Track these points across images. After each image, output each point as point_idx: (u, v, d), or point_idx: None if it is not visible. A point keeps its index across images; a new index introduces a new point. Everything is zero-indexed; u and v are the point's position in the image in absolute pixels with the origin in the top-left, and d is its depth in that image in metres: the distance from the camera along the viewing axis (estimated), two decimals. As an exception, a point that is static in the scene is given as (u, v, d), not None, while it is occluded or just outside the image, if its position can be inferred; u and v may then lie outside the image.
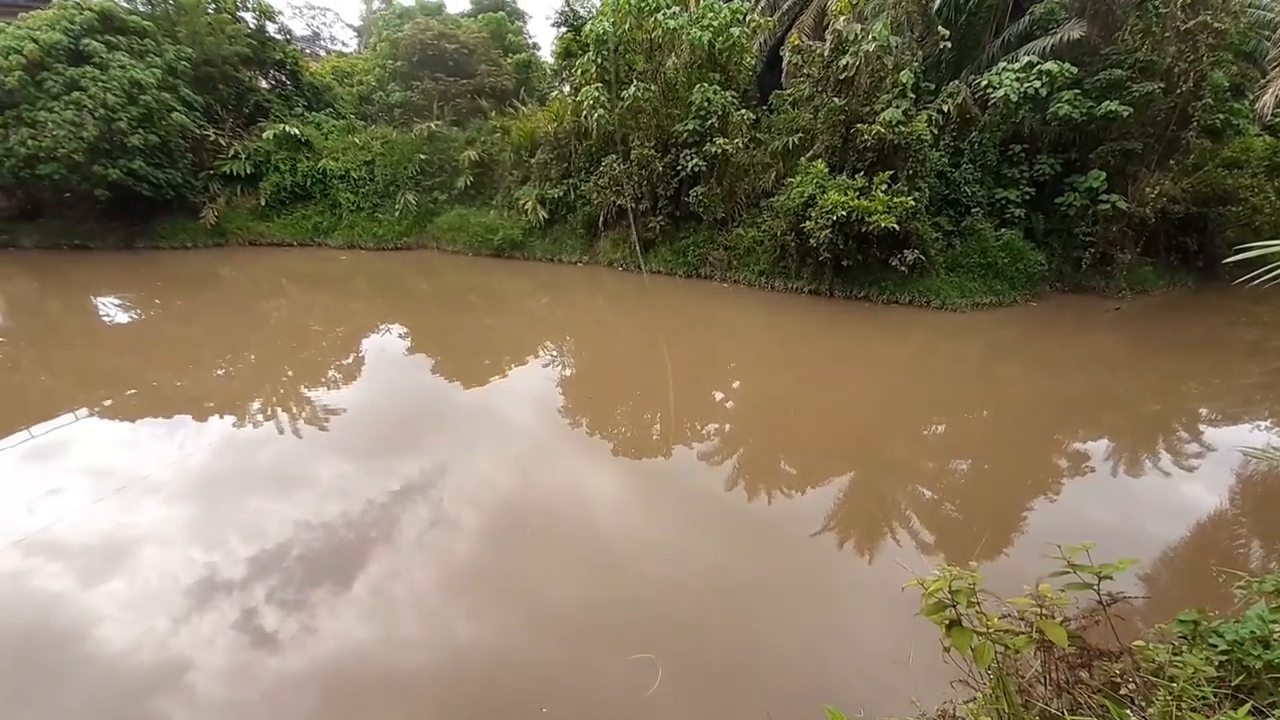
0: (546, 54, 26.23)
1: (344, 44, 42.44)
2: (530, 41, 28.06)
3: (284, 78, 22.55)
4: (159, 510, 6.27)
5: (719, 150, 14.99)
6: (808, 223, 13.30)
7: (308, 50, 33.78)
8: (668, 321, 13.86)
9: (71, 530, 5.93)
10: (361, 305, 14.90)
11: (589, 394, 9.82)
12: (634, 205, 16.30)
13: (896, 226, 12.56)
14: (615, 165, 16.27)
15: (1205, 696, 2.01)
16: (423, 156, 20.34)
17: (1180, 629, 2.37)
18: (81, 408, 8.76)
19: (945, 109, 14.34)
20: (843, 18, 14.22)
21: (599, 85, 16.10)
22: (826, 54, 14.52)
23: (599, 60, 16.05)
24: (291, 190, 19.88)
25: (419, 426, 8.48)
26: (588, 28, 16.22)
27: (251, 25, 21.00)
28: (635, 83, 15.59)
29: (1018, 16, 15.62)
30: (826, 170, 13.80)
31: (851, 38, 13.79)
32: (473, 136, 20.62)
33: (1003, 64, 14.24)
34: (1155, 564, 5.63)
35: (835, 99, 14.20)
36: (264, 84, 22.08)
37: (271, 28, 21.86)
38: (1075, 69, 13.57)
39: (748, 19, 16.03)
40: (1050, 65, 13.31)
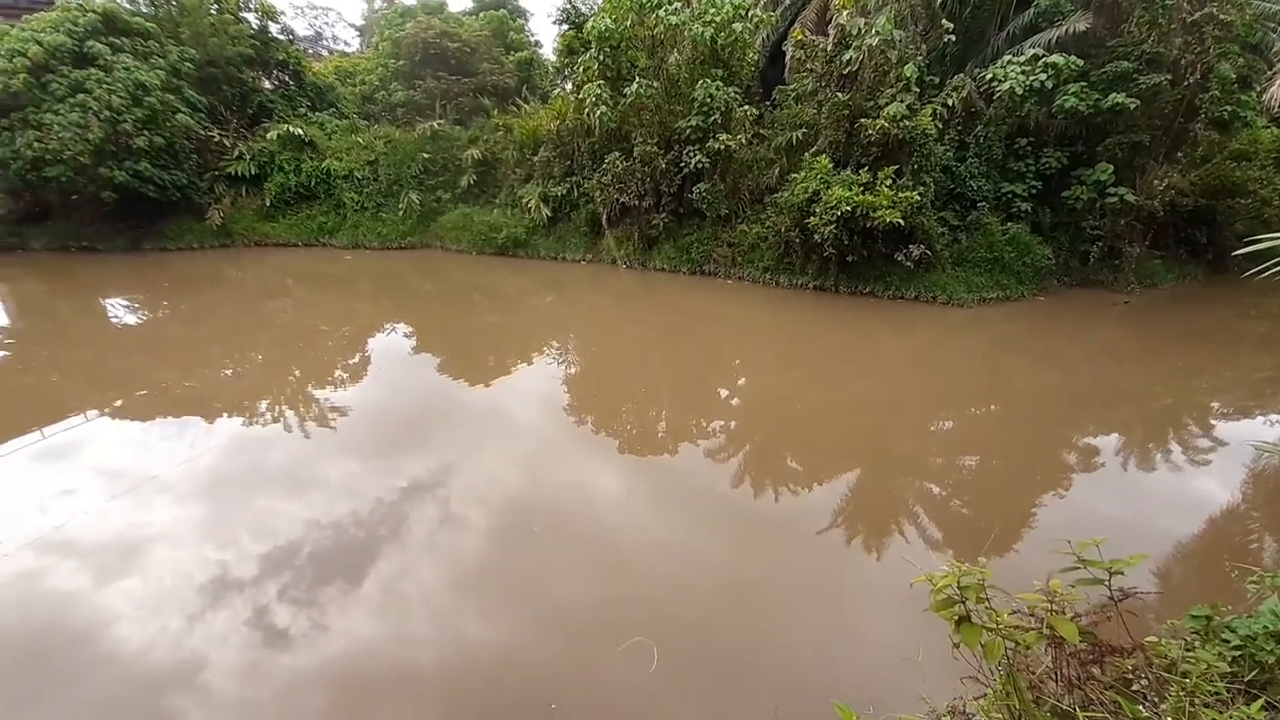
0: (548, 52, 26.24)
1: (346, 44, 42.58)
2: (532, 39, 28.06)
3: (287, 78, 22.64)
4: (170, 509, 6.32)
5: (722, 146, 14.95)
6: (812, 218, 13.26)
7: (310, 50, 33.89)
8: (672, 319, 13.85)
9: (84, 530, 5.98)
10: (367, 305, 14.95)
11: (594, 392, 9.83)
12: (637, 202, 16.28)
13: (902, 221, 12.51)
14: (618, 162, 16.25)
15: (1218, 692, 2.00)
16: (426, 156, 20.38)
17: (1193, 624, 2.36)
18: (92, 408, 8.84)
19: (950, 103, 14.25)
20: (845, 12, 14.16)
21: (601, 82, 16.08)
22: (829, 49, 14.45)
23: (601, 57, 16.03)
24: (296, 190, 19.97)
25: (425, 425, 8.51)
26: (589, 25, 16.18)
27: (254, 26, 21.10)
28: (637, 79, 15.56)
29: (1023, 9, 15.49)
30: (830, 166, 13.75)
31: (855, 32, 13.72)
32: (475, 135, 20.64)
33: (1008, 57, 14.13)
34: (1167, 559, 5.60)
35: (839, 94, 14.14)
36: (267, 84, 22.18)
37: (274, 28, 21.95)
38: (1081, 61, 13.45)
39: (750, 14, 15.96)
40: (1056, 58, 13.20)
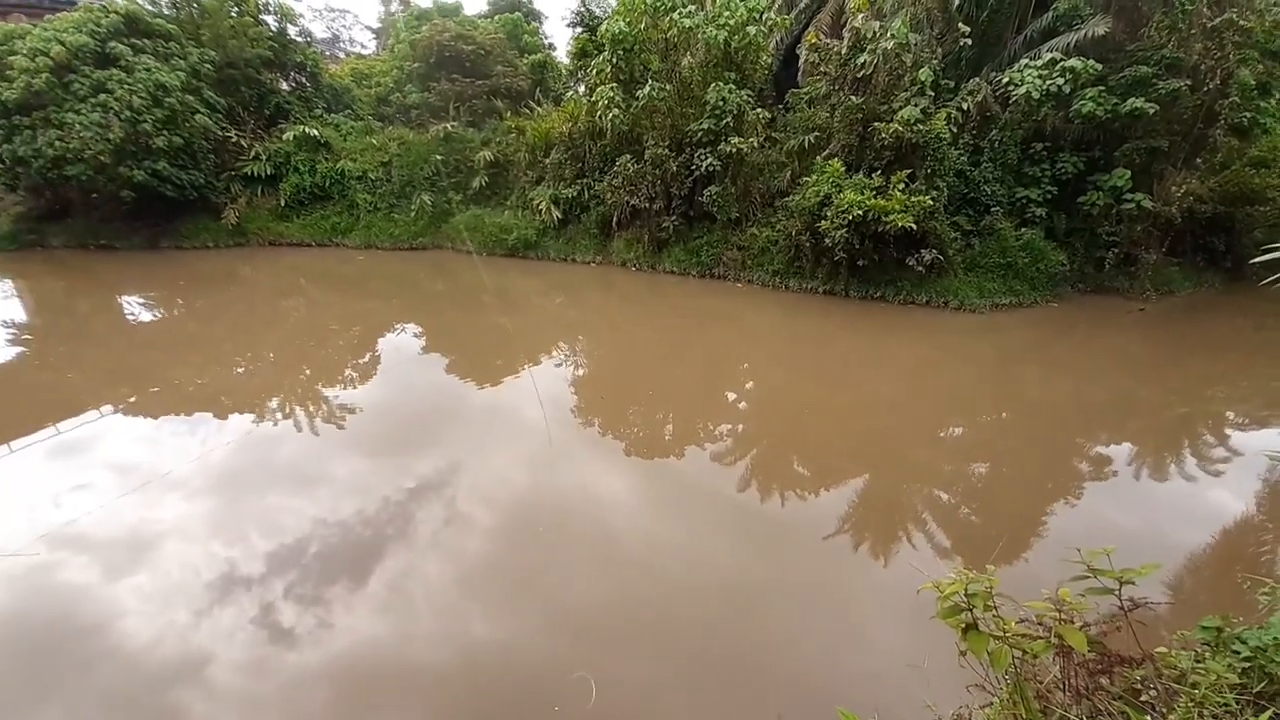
0: (562, 54, 26.36)
1: (363, 46, 43.03)
2: (546, 42, 28.23)
3: (304, 80, 22.91)
4: (181, 505, 6.40)
5: (734, 149, 14.93)
6: (823, 222, 13.20)
7: (327, 52, 34.31)
8: (680, 321, 13.84)
9: (97, 524, 6.07)
10: (378, 305, 15.07)
11: (602, 394, 9.84)
12: (648, 205, 16.30)
13: (914, 226, 12.42)
14: (629, 165, 16.27)
15: (1227, 703, 1.96)
16: (439, 157, 20.53)
17: (1203, 635, 2.32)
18: (107, 404, 8.97)
19: (965, 107, 14.14)
20: (861, 15, 14.10)
21: (614, 85, 16.12)
22: (844, 52, 14.40)
23: (614, 60, 16.07)
24: (310, 191, 20.18)
25: (434, 425, 8.56)
26: (603, 28, 16.23)
27: (273, 28, 21.38)
28: (650, 82, 15.58)
29: (1040, 12, 15.36)
30: (843, 169, 13.69)
31: (870, 35, 13.66)
32: (488, 137, 20.77)
33: (1025, 61, 14.01)
34: (1179, 570, 5.51)
35: (852, 97, 14.08)
36: (285, 86, 22.45)
37: (292, 30, 22.22)
38: (1099, 66, 13.31)
39: (764, 17, 15.93)
40: (1074, 62, 13.06)
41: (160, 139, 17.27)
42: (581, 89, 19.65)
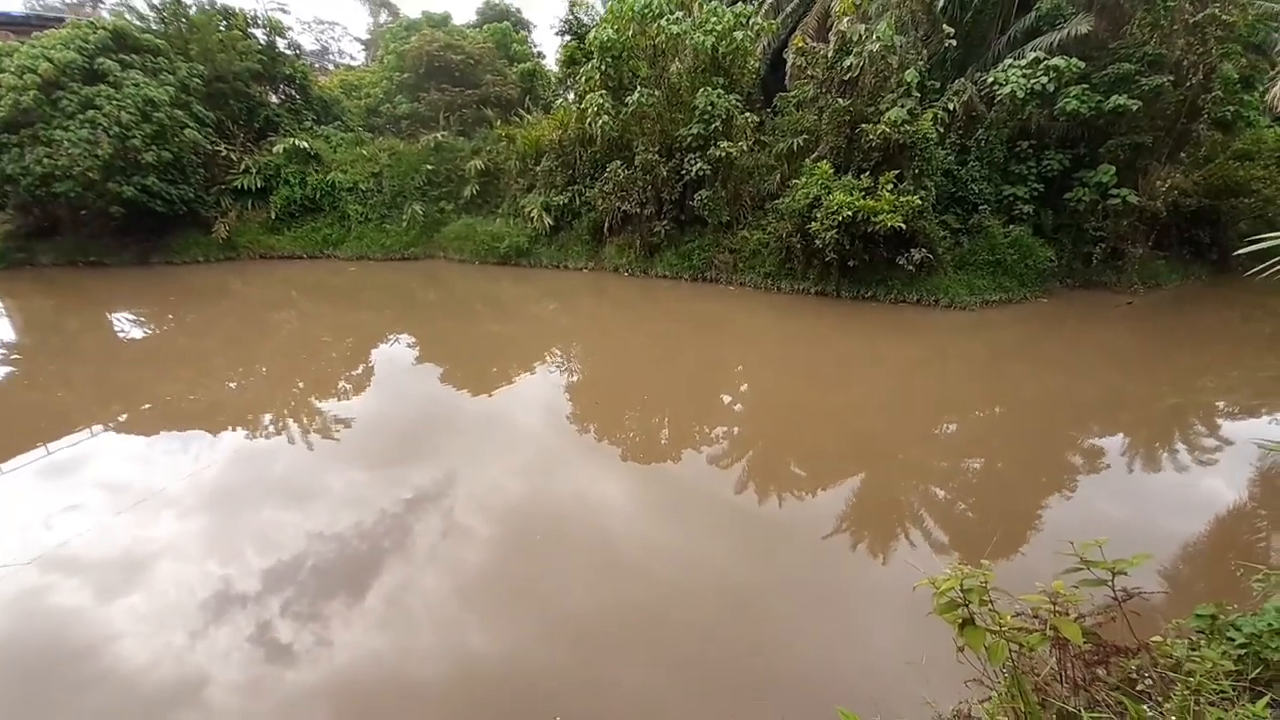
0: (551, 62, 26.47)
1: (352, 57, 43.18)
2: (535, 50, 28.35)
3: (293, 92, 22.92)
4: (175, 524, 6.33)
5: (723, 154, 15.02)
6: (813, 224, 13.28)
7: (316, 64, 34.34)
8: (674, 325, 13.86)
9: (89, 545, 6.00)
10: (370, 316, 15.03)
11: (596, 399, 9.83)
12: (639, 210, 16.35)
13: (903, 226, 12.52)
14: (620, 171, 16.35)
15: (1223, 690, 1.98)
16: (429, 167, 20.56)
17: (1198, 624, 2.34)
18: (97, 423, 8.89)
19: (951, 107, 14.29)
20: (846, 18, 14.23)
21: (603, 92, 16.21)
22: (830, 55, 14.53)
23: (603, 67, 16.17)
24: (301, 203, 20.15)
25: (428, 435, 8.52)
26: (591, 35, 16.33)
27: (262, 41, 21.40)
28: (639, 88, 15.67)
29: (1024, 12, 15.55)
30: (831, 171, 13.79)
31: (855, 38, 13.79)
32: (479, 146, 20.82)
33: (1009, 60, 14.17)
34: (1173, 560, 5.54)
35: (839, 100, 14.19)
36: (274, 99, 22.46)
37: (281, 43, 22.26)
38: (1083, 64, 13.48)
39: (751, 22, 16.09)
40: (1057, 60, 13.22)
41: (149, 154, 17.21)
42: (571, 96, 19.72)
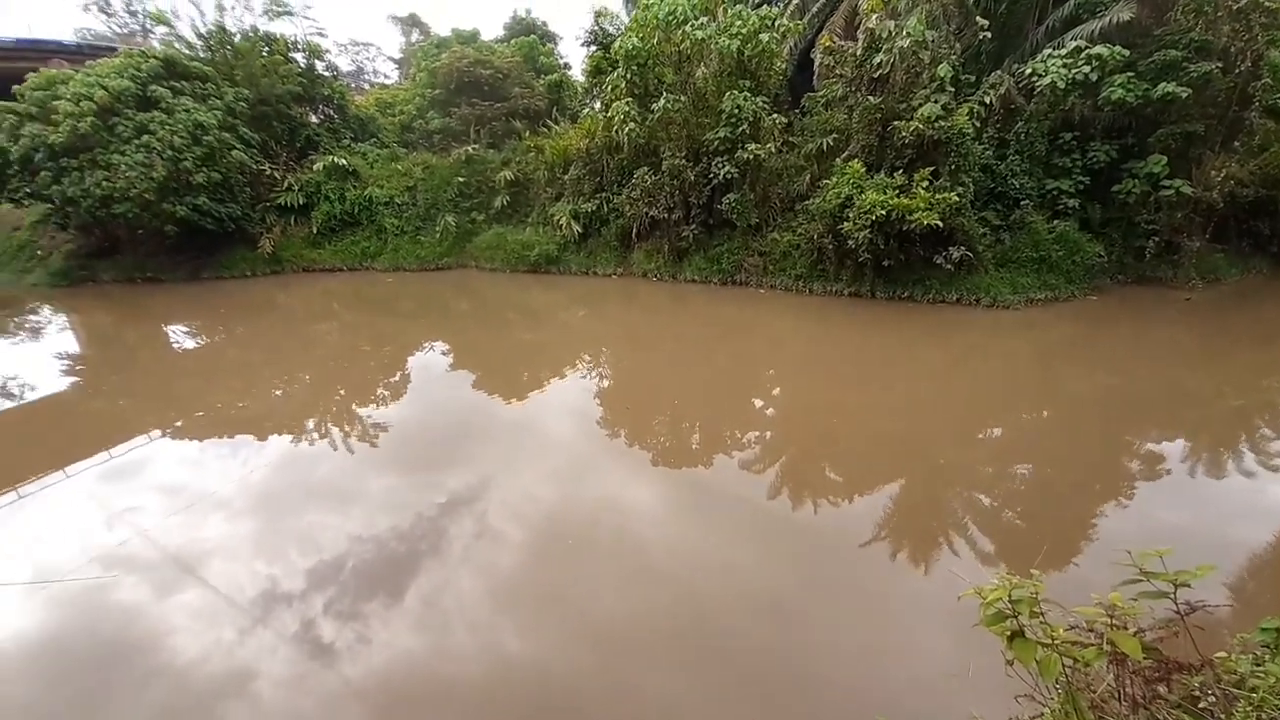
0: (577, 73, 26.78)
1: (386, 76, 44.58)
2: (561, 62, 28.72)
3: (332, 112, 23.80)
4: (224, 525, 6.59)
5: (751, 156, 14.91)
6: (845, 224, 13.06)
7: (353, 84, 35.59)
8: (703, 329, 13.79)
9: (146, 544, 6.29)
10: (406, 325, 15.41)
11: (627, 405, 9.84)
12: (667, 215, 16.36)
13: (940, 223, 12.20)
14: (647, 177, 16.39)
15: None
16: (461, 179, 21.02)
17: (1263, 637, 2.19)
18: (155, 429, 9.34)
19: (988, 100, 13.88)
20: (875, 16, 13.99)
21: (629, 99, 16.30)
22: (859, 53, 14.32)
23: (628, 75, 16.27)
24: (340, 218, 20.86)
25: (462, 441, 8.67)
26: (617, 44, 16.48)
27: (302, 65, 22.29)
28: (665, 95, 15.72)
29: (1061, 2, 15.04)
30: (863, 170, 13.55)
31: (885, 35, 13.55)
32: (508, 157, 21.18)
33: (1048, 50, 13.71)
34: (1239, 571, 5.21)
35: (870, 98, 13.97)
36: (314, 119, 23.35)
37: (320, 66, 23.17)
38: (1127, 51, 12.94)
39: (777, 24, 15.96)
40: (1100, 49, 12.73)
41: (200, 175, 18.08)
42: (597, 105, 19.92)
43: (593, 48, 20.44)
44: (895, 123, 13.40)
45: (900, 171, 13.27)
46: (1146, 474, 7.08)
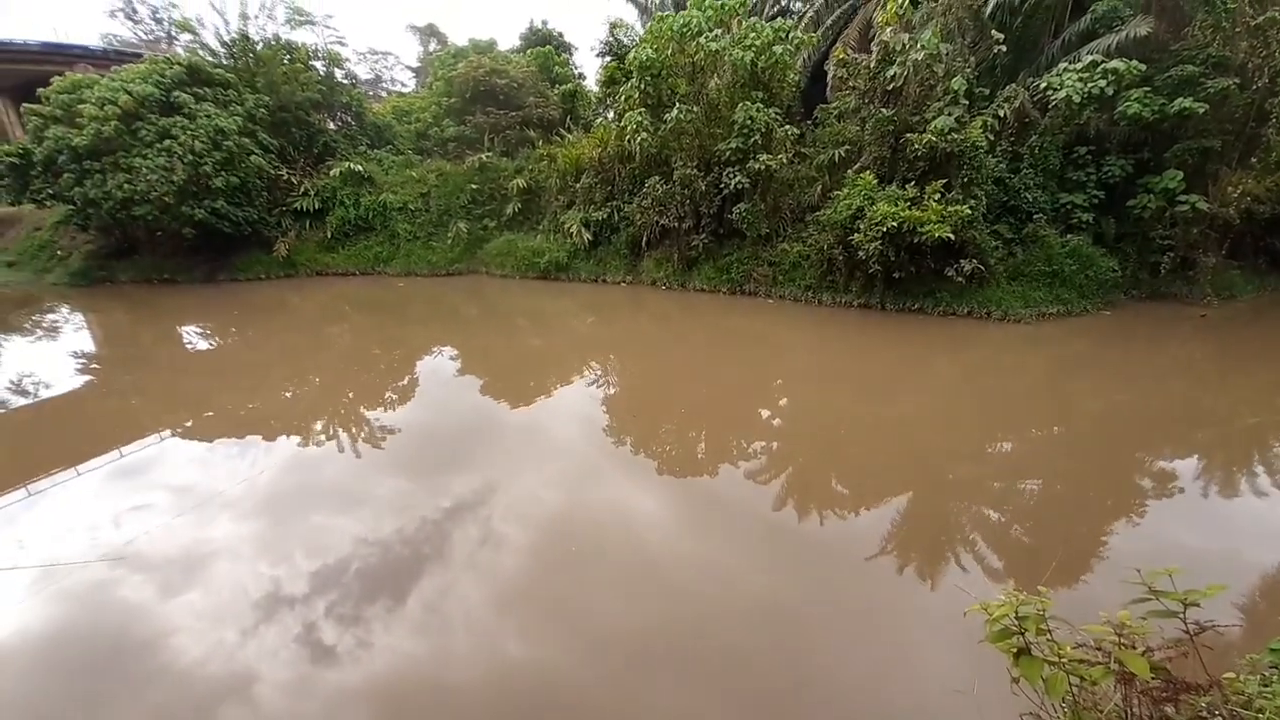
0: (591, 83, 27.03)
1: (403, 84, 45.23)
2: (576, 72, 29.02)
3: (349, 119, 24.19)
4: (231, 525, 6.64)
5: (762, 166, 14.95)
6: (856, 235, 13.03)
7: (370, 92, 36.13)
8: (712, 338, 13.78)
9: (153, 544, 6.34)
10: (417, 329, 15.52)
11: (634, 412, 9.83)
12: (677, 224, 16.41)
13: (951, 236, 12.15)
14: (658, 186, 16.47)
15: None
16: (474, 186, 21.24)
17: (1272, 658, 2.14)
18: (166, 429, 9.44)
19: (1002, 114, 13.85)
20: (889, 29, 14.04)
21: (642, 110, 16.43)
22: (873, 65, 14.35)
23: (642, 86, 16.41)
24: (355, 223, 21.12)
25: (469, 445, 8.69)
26: (631, 55, 16.63)
27: (321, 73, 22.69)
28: (678, 105, 15.82)
29: (1078, 15, 15.03)
30: (875, 182, 13.53)
31: (899, 48, 13.58)
32: (521, 165, 21.39)
33: (1063, 64, 13.69)
34: (1250, 591, 5.10)
35: (883, 110, 13.98)
36: (331, 125, 23.74)
37: (339, 74, 23.60)
38: (1143, 66, 12.89)
39: (790, 36, 16.05)
40: (1116, 63, 12.69)
41: (219, 179, 18.39)
42: (611, 115, 20.10)
43: (607, 58, 20.69)
44: (908, 135, 13.39)
45: (912, 184, 13.24)
46: (1158, 492, 6.96)
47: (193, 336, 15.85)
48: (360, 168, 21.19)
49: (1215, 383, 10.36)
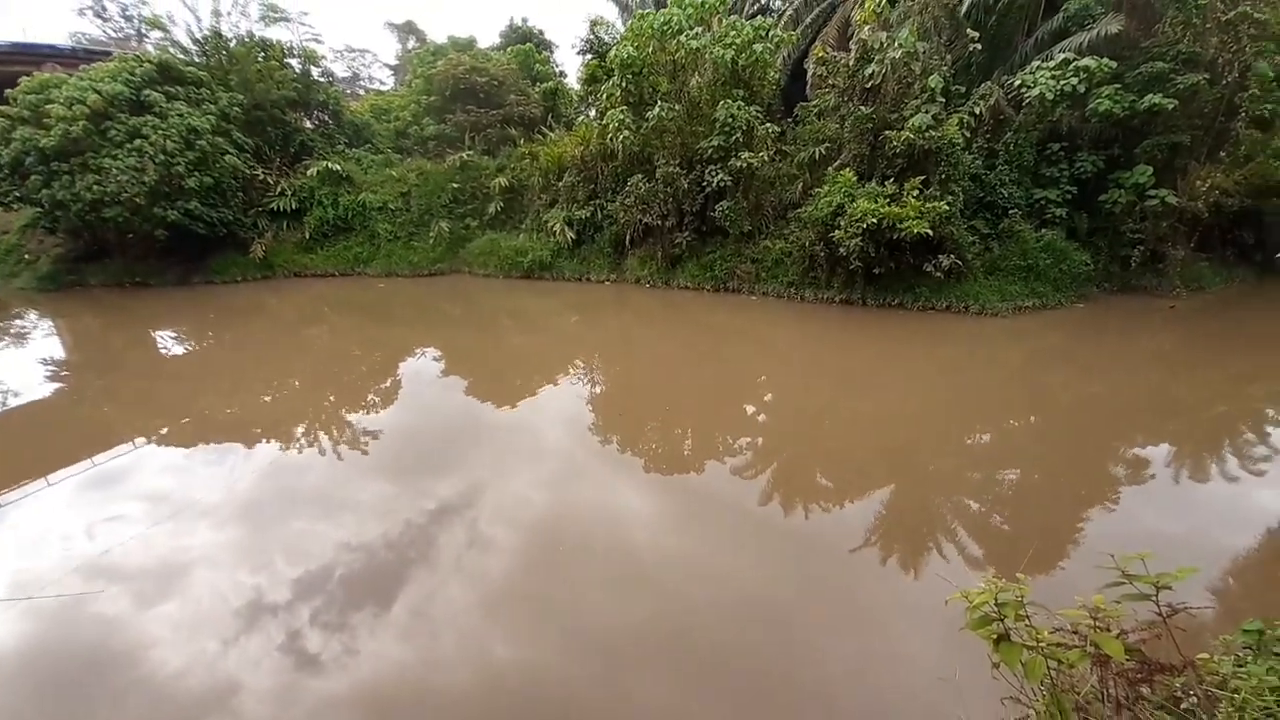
0: (573, 81, 26.92)
1: (381, 83, 44.61)
2: (557, 70, 28.87)
3: (327, 117, 23.78)
4: (210, 534, 6.50)
5: (744, 164, 15.02)
6: (837, 232, 13.16)
7: (348, 90, 35.59)
8: (696, 336, 13.82)
9: (128, 555, 6.19)
10: (398, 330, 15.34)
11: (619, 411, 9.83)
12: (660, 222, 16.43)
13: (930, 232, 12.32)
14: (641, 184, 16.47)
15: (1269, 707, 1.86)
16: (455, 185, 21.04)
17: (1245, 639, 2.21)
18: (140, 436, 9.22)
19: (977, 111, 14.09)
20: (867, 27, 14.19)
21: (624, 108, 16.41)
22: (852, 63, 14.48)
23: (623, 84, 16.38)
24: (333, 223, 20.80)
25: (454, 447, 8.62)
26: (612, 53, 16.59)
27: (297, 70, 22.28)
28: (659, 103, 15.83)
29: (1050, 14, 15.32)
30: (855, 179, 13.67)
31: (877, 46, 13.73)
32: (503, 164, 21.24)
33: (1037, 62, 13.95)
34: (1221, 574, 5.26)
35: (862, 108, 14.12)
36: (308, 124, 23.32)
37: (315, 72, 23.18)
38: (1114, 63, 13.18)
39: (770, 34, 16.14)
40: (1088, 61, 12.96)
41: (192, 180, 17.98)
42: (592, 113, 20.04)
43: (588, 56, 20.59)
44: (886, 132, 13.55)
45: (891, 180, 13.41)
46: (1131, 479, 7.14)
47: (167, 341, 15.50)
48: (338, 167, 20.87)
49: (1185, 373, 10.64)
